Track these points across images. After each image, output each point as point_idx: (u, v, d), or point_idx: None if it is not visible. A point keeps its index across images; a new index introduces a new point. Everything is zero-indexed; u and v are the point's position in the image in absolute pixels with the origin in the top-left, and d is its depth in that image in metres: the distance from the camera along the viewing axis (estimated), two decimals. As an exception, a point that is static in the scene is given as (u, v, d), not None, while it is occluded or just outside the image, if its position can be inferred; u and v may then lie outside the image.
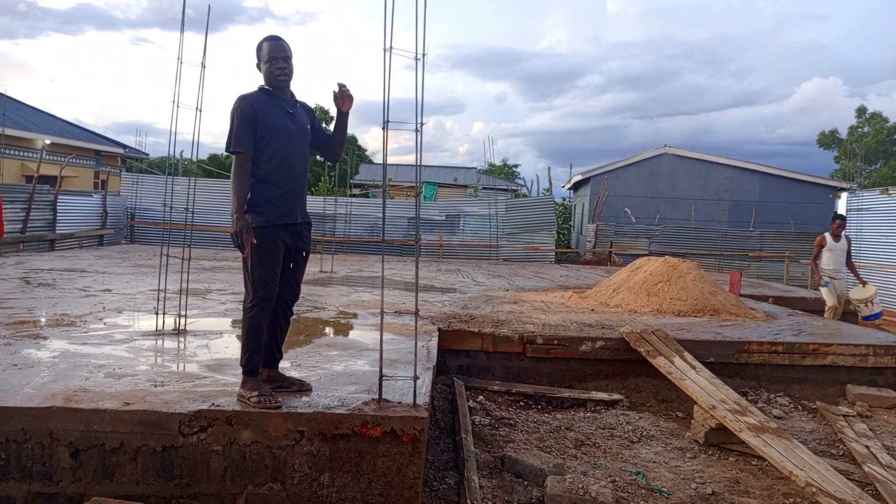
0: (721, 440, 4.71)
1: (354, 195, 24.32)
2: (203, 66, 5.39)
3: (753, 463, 4.46)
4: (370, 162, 37.82)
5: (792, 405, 5.82)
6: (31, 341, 4.72)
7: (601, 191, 21.96)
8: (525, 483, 4.02)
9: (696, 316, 7.81)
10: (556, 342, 6.23)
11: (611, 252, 19.03)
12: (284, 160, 3.49)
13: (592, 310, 8.06)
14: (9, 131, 16.86)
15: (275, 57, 3.50)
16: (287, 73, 3.54)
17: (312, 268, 11.51)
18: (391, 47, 3.55)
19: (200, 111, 5.35)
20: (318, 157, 4.06)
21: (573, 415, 5.45)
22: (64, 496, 3.26)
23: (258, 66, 3.58)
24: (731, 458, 4.57)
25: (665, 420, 5.37)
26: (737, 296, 9.14)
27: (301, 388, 3.69)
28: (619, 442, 4.81)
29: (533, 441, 4.70)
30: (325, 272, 11.34)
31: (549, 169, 26.34)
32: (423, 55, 3.60)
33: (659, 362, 5.70)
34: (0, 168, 16.79)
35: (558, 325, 6.79)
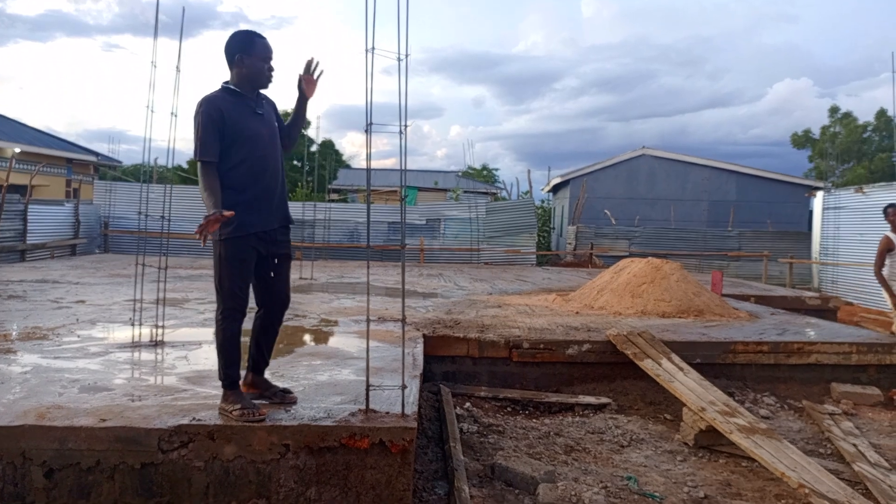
0: (711, 442, 4.67)
1: (333, 200, 24.14)
2: (178, 70, 5.26)
3: (744, 464, 4.42)
4: (348, 167, 37.60)
5: (778, 405, 5.82)
6: (1, 356, 4.55)
7: (580, 193, 22.04)
8: (517, 491, 3.94)
9: (680, 317, 7.80)
10: (542, 346, 6.17)
11: (592, 254, 19.08)
12: (254, 165, 3.33)
13: (577, 312, 8.02)
14: (-23, 139, 16.44)
15: (268, 57, 3.38)
16: (272, 76, 3.42)
17: (292, 275, 11.34)
18: (373, 48, 3.46)
19: (176, 116, 5.22)
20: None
21: (561, 420, 5.39)
22: (37, 519, 3.11)
23: (238, 61, 3.35)
24: (721, 460, 4.53)
25: (654, 423, 5.33)
26: (720, 296, 9.17)
27: (284, 398, 3.59)
28: (608, 446, 4.76)
29: (522, 448, 4.62)
30: (305, 279, 11.18)
31: (529, 172, 26.40)
32: (407, 55, 3.52)
33: (646, 365, 5.66)
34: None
35: (544, 329, 6.74)
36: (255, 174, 3.34)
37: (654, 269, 8.65)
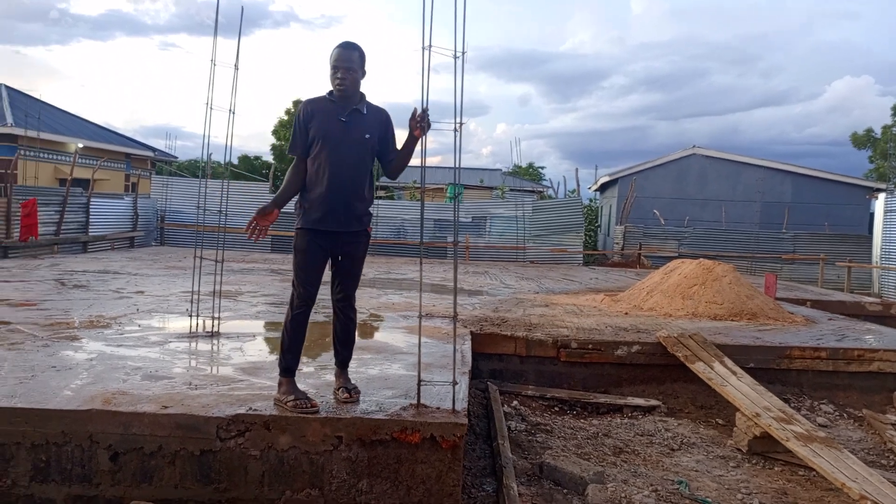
0: (765, 449, 4.56)
1: (380, 197, 24.35)
2: (236, 68, 5.39)
3: (801, 473, 4.31)
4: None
5: (837, 413, 5.64)
6: (68, 343, 4.75)
7: (629, 192, 21.69)
8: (565, 491, 3.92)
9: (732, 320, 7.63)
10: (590, 346, 6.12)
11: (640, 254, 18.78)
12: (324, 167, 3.43)
13: (626, 313, 7.92)
14: (43, 135, 17.17)
15: (336, 66, 3.43)
16: (345, 83, 3.44)
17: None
18: (430, 45, 3.48)
19: (233, 113, 5.36)
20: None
21: (610, 421, 5.34)
22: (103, 499, 3.25)
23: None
24: (776, 468, 4.42)
25: (705, 427, 5.23)
26: (774, 299, 8.92)
27: (345, 398, 3.57)
28: (658, 449, 4.69)
29: (571, 448, 4.60)
30: (354, 274, 11.31)
31: (577, 170, 26.08)
32: (464, 52, 3.54)
33: (698, 367, 5.56)
34: (35, 171, 17.10)
35: (592, 329, 6.68)
36: (324, 176, 3.44)
37: (705, 271, 8.47)
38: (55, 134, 19.02)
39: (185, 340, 5.03)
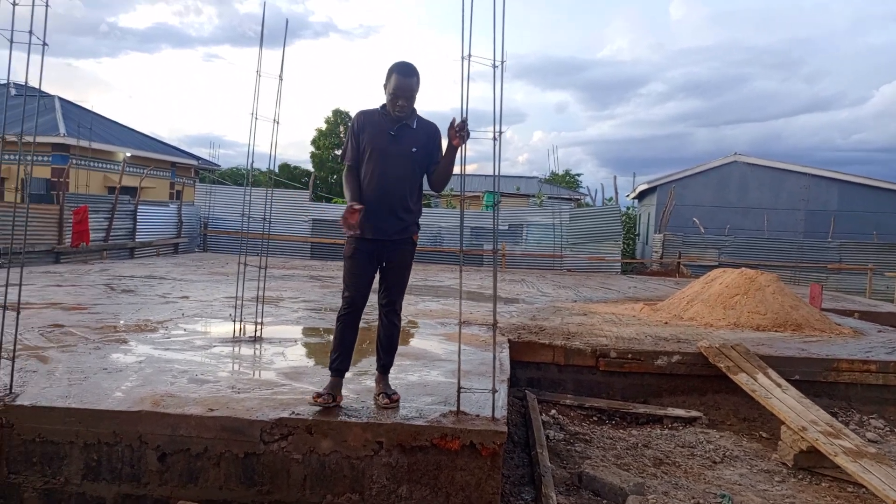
0: (812, 464, 4.45)
1: (417, 205, 24.48)
2: (280, 78, 5.51)
3: (850, 490, 4.19)
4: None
5: (887, 428, 5.46)
6: (117, 346, 4.90)
7: (668, 200, 21.40)
8: (604, 502, 3.89)
9: (776, 331, 7.46)
10: (630, 356, 6.05)
11: (679, 263, 18.50)
12: (374, 179, 3.53)
13: (666, 323, 7.81)
14: (94, 145, 17.76)
15: (397, 95, 3.50)
16: (406, 110, 3.54)
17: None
18: (469, 55, 3.52)
19: (278, 123, 5.48)
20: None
21: (650, 431, 5.27)
22: (151, 499, 3.34)
23: (383, 87, 3.59)
24: (823, 484, 4.31)
25: (748, 440, 5.13)
26: (819, 310, 8.69)
27: (384, 403, 3.61)
28: (700, 462, 4.62)
29: (610, 458, 4.56)
30: (391, 281, 11.39)
31: (615, 178, 25.87)
32: (503, 62, 3.56)
33: (740, 379, 5.45)
34: (87, 180, 17.68)
35: (632, 339, 6.61)
36: (372, 186, 3.54)
37: (748, 281, 8.31)
38: (105, 143, 19.66)
39: (229, 345, 5.14)
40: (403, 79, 3.52)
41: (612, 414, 5.66)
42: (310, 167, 34.82)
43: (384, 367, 3.77)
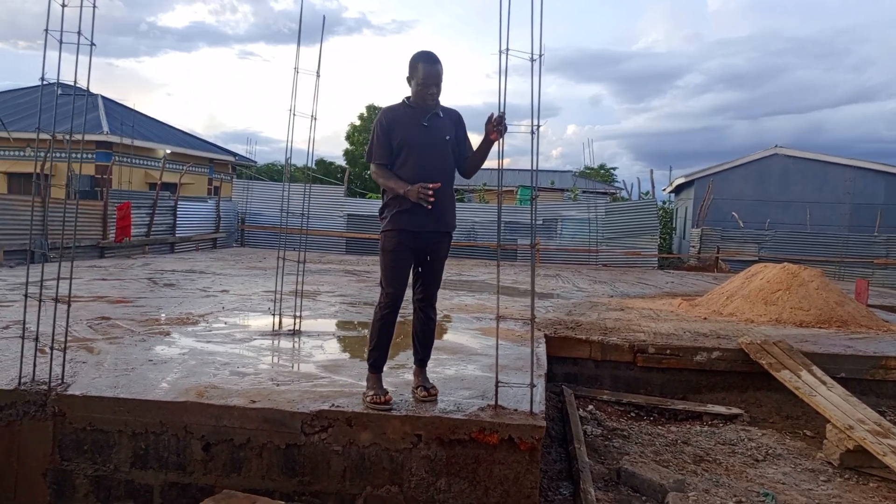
0: (859, 463, 4.34)
1: (450, 200, 24.49)
2: (318, 75, 5.56)
3: (899, 490, 4.08)
4: (465, 166, 37.92)
5: (938, 428, 5.29)
6: (161, 338, 5.02)
7: (706, 194, 21.01)
8: (643, 498, 3.86)
9: (820, 327, 7.28)
10: (668, 352, 5.98)
11: (717, 258, 18.17)
12: (413, 172, 3.51)
13: (705, 318, 7.69)
14: (136, 142, 18.15)
15: (427, 83, 3.50)
16: (436, 97, 3.56)
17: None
18: (507, 48, 3.51)
19: (315, 119, 5.53)
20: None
21: (689, 428, 5.20)
22: (196, 487, 3.42)
23: (408, 80, 3.57)
24: (871, 484, 4.20)
25: (791, 438, 5.02)
26: (865, 306, 8.46)
27: (423, 396, 3.62)
28: (741, 459, 4.54)
29: (649, 454, 4.51)
30: (426, 276, 11.44)
31: (651, 172, 25.49)
32: (541, 55, 3.54)
33: (783, 376, 5.34)
34: (129, 176, 18.11)
35: (670, 334, 6.52)
36: (413, 180, 3.51)
37: (790, 276, 8.13)
38: (145, 141, 20.08)
39: (269, 338, 5.22)
40: (431, 66, 3.52)
41: (650, 410, 5.60)
42: (343, 163, 35.06)
43: (422, 361, 3.78)
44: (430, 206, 3.43)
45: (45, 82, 3.79)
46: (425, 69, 3.51)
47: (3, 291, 7.10)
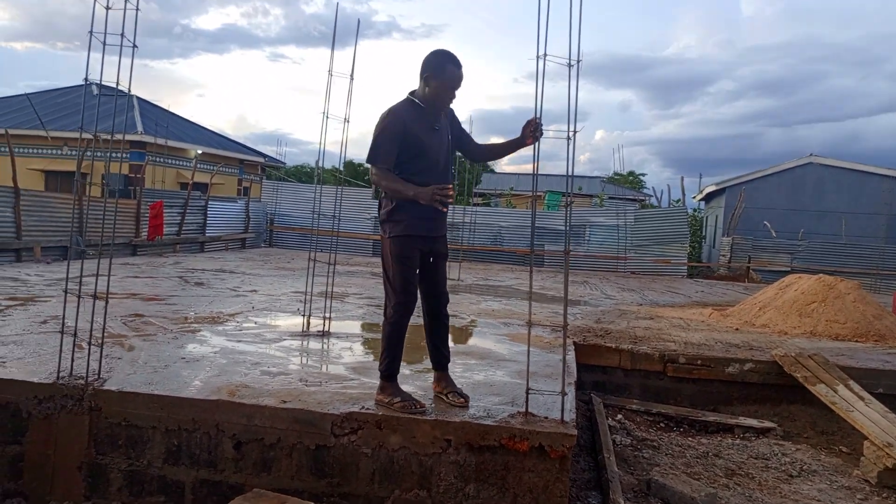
0: (898, 482, 4.22)
1: (477, 204, 24.49)
2: (351, 78, 5.59)
3: (940, 511, 3.96)
4: (492, 171, 37.96)
5: (981, 448, 5.13)
6: (193, 337, 5.08)
7: (738, 202, 20.69)
8: (674, 511, 3.79)
9: (857, 341, 7.11)
10: (699, 362, 5.89)
11: (748, 268, 17.87)
12: (427, 178, 3.44)
13: (736, 329, 7.56)
14: (169, 142, 18.46)
15: (453, 87, 3.46)
16: (453, 102, 3.57)
17: (440, 275, 11.66)
18: (545, 54, 3.48)
19: (348, 122, 5.56)
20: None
21: (720, 441, 5.12)
22: (227, 485, 3.45)
23: (427, 80, 3.45)
24: (911, 504, 4.08)
25: (826, 454, 4.91)
26: (904, 320, 8.23)
27: (455, 401, 3.59)
28: (775, 474, 4.45)
29: (679, 466, 4.44)
30: (452, 279, 11.44)
31: (682, 179, 25.20)
32: (578, 61, 3.51)
33: (819, 390, 5.22)
34: (163, 176, 18.43)
35: (701, 344, 6.42)
36: (425, 184, 3.46)
37: (826, 288, 7.96)
38: (178, 141, 20.41)
39: (298, 338, 5.26)
40: (458, 70, 3.48)
41: (679, 421, 5.52)
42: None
43: (445, 364, 3.74)
44: (445, 209, 3.37)
45: (88, 83, 3.86)
46: (453, 72, 3.45)
47: (40, 287, 7.26)
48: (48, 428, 3.51)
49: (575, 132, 3.56)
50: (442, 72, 3.44)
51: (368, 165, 3.49)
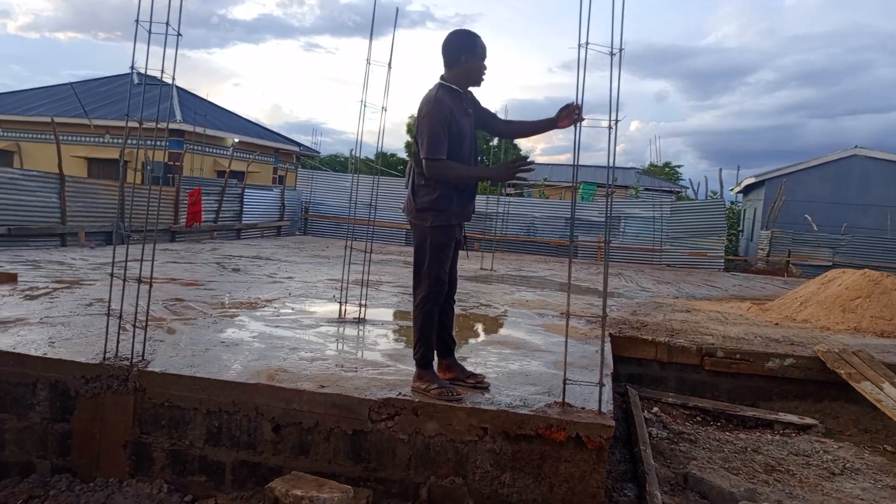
0: (946, 483, 4.10)
1: (510, 195, 24.38)
2: (389, 66, 5.59)
3: None
4: (526, 161, 37.63)
5: None
6: (232, 321, 5.17)
7: (778, 195, 20.23)
8: (711, 506, 3.74)
9: (903, 338, 6.91)
10: (738, 356, 5.79)
11: (788, 262, 17.48)
12: (468, 162, 3.50)
13: (776, 324, 7.41)
14: (207, 131, 18.74)
15: (486, 57, 3.48)
16: (485, 77, 3.55)
17: (473, 265, 11.66)
18: (587, 42, 3.44)
19: (385, 110, 5.58)
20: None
21: (759, 436, 5.03)
22: (266, 467, 3.50)
23: (463, 61, 3.43)
24: (959, 505, 3.96)
25: (870, 453, 4.78)
26: (953, 318, 7.97)
27: (477, 383, 3.66)
28: (816, 472, 4.35)
29: (717, 460, 4.38)
30: (486, 269, 11.43)
31: (720, 171, 24.73)
32: (621, 49, 3.46)
33: (864, 387, 5.09)
34: (201, 164, 18.73)
35: (740, 338, 6.31)
36: None
37: (871, 283, 7.74)
38: (216, 130, 20.71)
39: (335, 325, 5.31)
40: (483, 41, 3.49)
41: (717, 415, 5.44)
42: (404, 155, 35.30)
43: (454, 349, 3.78)
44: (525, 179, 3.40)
45: (133, 69, 3.93)
46: (482, 44, 3.48)
47: (85, 270, 7.46)
48: (95, 407, 3.61)
49: (616, 121, 3.52)
50: (474, 47, 3.47)
51: (425, 160, 3.37)
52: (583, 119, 3.45)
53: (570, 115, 3.40)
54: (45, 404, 3.66)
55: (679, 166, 38.35)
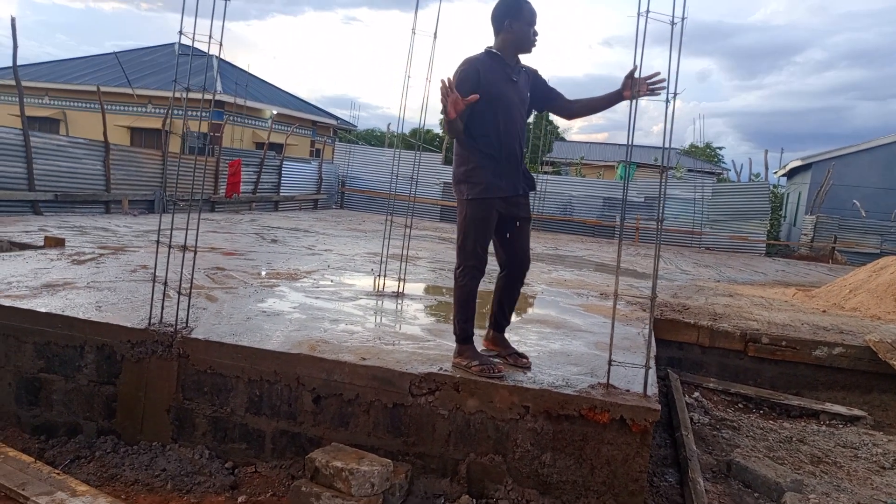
0: None
1: (547, 173, 24.08)
2: (435, 36, 5.49)
3: None
4: (563, 139, 37.24)
5: None
6: (272, 291, 5.19)
7: (825, 179, 19.60)
8: (755, 495, 3.66)
9: (958, 330, 6.64)
10: (784, 343, 5.63)
11: (833, 248, 16.98)
12: (503, 131, 3.37)
13: (824, 311, 7.19)
14: (247, 103, 18.86)
15: (534, 21, 3.37)
16: (537, 42, 3.43)
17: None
18: (647, 10, 3.30)
19: (430, 81, 5.48)
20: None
21: (804, 426, 4.89)
22: (305, 437, 3.52)
23: (507, 26, 3.35)
24: None
25: (922, 448, 4.62)
26: None
27: (518, 361, 3.60)
28: (865, 464, 4.22)
29: (761, 449, 4.28)
30: (522, 248, 11.32)
31: (766, 153, 24.04)
32: (683, 18, 3.31)
33: (917, 380, 4.91)
34: (241, 135, 18.90)
35: (785, 325, 6.13)
36: (503, 140, 3.39)
37: (926, 272, 7.44)
38: (255, 101, 20.83)
39: (374, 298, 5.30)
40: (531, 5, 3.36)
41: (759, 403, 5.31)
42: (439, 130, 35.11)
43: (505, 328, 3.74)
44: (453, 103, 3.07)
45: (181, 34, 3.91)
46: (529, 8, 3.36)
47: (129, 237, 7.58)
48: (140, 371, 3.66)
49: (675, 94, 3.39)
50: (520, 11, 3.36)
51: (442, 117, 3.46)
52: (654, 90, 3.31)
53: (635, 84, 3.27)
54: (91, 367, 3.73)
55: (720, 148, 37.49)
